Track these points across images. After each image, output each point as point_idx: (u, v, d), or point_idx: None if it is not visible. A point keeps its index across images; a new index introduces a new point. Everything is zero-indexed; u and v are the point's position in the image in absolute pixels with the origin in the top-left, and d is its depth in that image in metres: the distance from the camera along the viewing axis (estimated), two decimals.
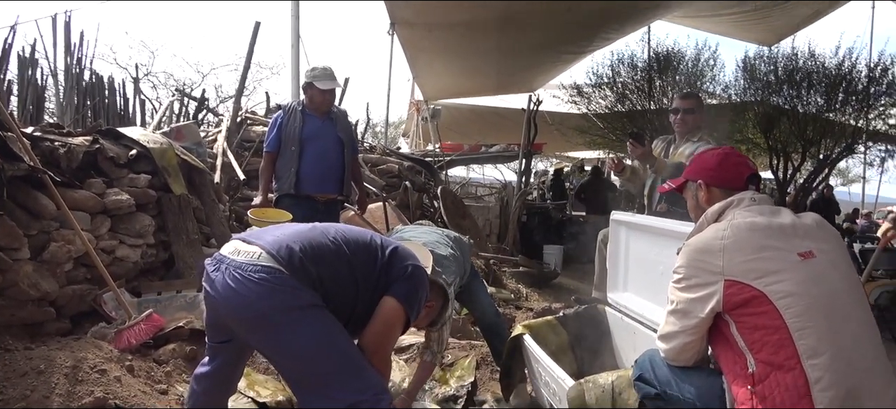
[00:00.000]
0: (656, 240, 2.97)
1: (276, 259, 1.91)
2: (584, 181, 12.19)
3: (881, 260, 5.04)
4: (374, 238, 2.23)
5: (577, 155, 19.25)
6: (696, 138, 3.96)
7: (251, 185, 6.24)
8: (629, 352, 3.14)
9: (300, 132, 4.23)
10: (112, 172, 3.77)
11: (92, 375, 2.52)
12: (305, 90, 4.33)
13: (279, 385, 3.06)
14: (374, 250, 2.16)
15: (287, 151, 4.25)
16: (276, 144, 4.30)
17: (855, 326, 1.72)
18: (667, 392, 1.96)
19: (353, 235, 2.17)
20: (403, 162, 8.64)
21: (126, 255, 3.61)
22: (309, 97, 4.30)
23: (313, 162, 4.24)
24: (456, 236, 3.43)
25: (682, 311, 1.86)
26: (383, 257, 2.15)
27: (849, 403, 1.61)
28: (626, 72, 10.44)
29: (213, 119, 8.39)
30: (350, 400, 1.89)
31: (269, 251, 1.93)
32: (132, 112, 6.43)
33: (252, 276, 1.88)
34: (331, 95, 4.33)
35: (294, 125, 4.25)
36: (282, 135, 4.28)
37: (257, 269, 1.89)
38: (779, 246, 1.76)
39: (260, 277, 1.87)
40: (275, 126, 4.33)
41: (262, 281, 1.87)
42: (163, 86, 14.61)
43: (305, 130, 4.25)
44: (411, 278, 2.17)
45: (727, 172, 2.02)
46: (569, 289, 6.95)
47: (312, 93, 4.26)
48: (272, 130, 4.34)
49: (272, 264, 1.90)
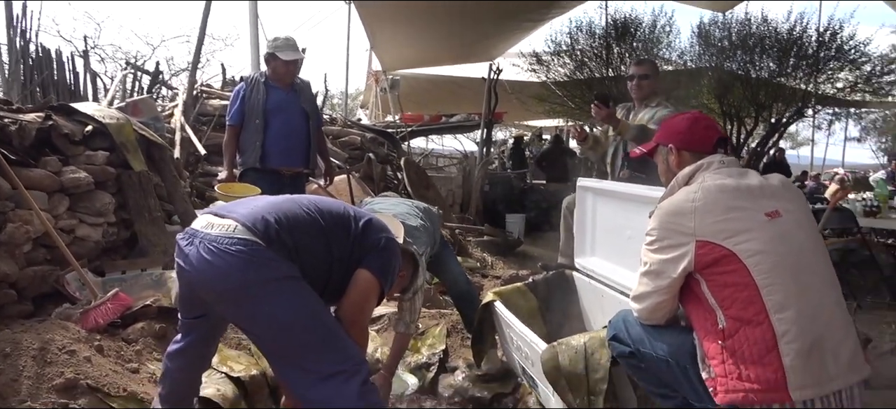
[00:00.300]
0: (623, 205, 3.03)
1: (253, 231, 1.89)
2: (544, 150, 12.30)
3: (831, 220, 5.24)
4: (347, 209, 2.23)
5: (537, 124, 19.38)
6: (654, 104, 4.06)
7: (212, 160, 6.13)
8: (597, 315, 3.23)
9: (264, 105, 4.15)
10: (67, 149, 3.64)
11: (61, 356, 2.47)
12: (268, 62, 4.22)
13: (252, 360, 3.06)
14: (347, 222, 2.15)
15: (251, 125, 4.16)
16: (240, 118, 4.20)
17: (818, 281, 1.80)
18: (640, 350, 2.03)
19: (327, 206, 2.16)
20: (365, 134, 8.58)
21: (87, 234, 3.52)
22: (272, 69, 4.21)
23: (279, 135, 4.17)
24: (426, 207, 3.44)
25: (656, 271, 1.92)
26: (357, 228, 2.15)
27: (813, 354, 1.69)
28: (584, 39, 10.53)
29: (168, 93, 8.16)
30: (329, 371, 1.89)
31: (244, 224, 1.91)
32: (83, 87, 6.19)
33: (229, 248, 1.86)
34: (294, 67, 4.24)
35: (257, 98, 4.16)
36: (245, 108, 4.18)
37: (234, 241, 1.87)
38: (747, 207, 1.82)
39: (237, 249, 1.86)
40: (237, 99, 4.22)
41: (239, 253, 1.85)
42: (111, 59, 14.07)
43: (269, 103, 4.16)
44: (385, 251, 2.19)
45: (696, 136, 2.08)
46: (533, 256, 7.07)
47: (275, 64, 4.17)
48: (235, 103, 4.23)
49: (249, 237, 1.88)
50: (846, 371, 1.74)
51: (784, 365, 1.67)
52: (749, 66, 9.35)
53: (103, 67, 12.49)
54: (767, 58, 9.30)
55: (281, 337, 1.92)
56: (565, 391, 2.35)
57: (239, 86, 4.34)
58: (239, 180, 4.22)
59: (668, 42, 10.27)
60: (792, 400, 1.67)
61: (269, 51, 4.18)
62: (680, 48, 10.30)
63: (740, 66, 9.41)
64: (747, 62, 9.35)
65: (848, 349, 1.76)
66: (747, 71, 9.35)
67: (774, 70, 9.29)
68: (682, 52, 10.34)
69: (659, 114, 3.88)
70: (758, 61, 9.33)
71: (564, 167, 11.27)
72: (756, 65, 9.36)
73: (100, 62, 12.48)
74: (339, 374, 1.89)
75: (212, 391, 2.57)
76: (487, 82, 9.91)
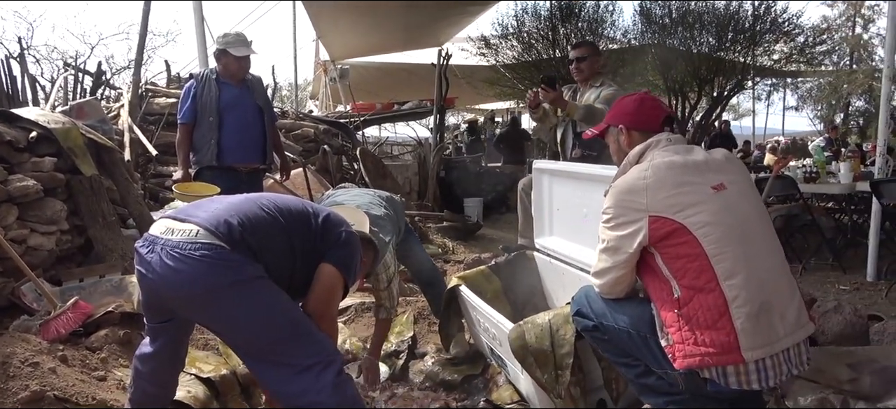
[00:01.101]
0: (579, 185, 3.13)
1: (216, 235, 1.89)
2: (502, 132, 12.41)
3: (774, 187, 5.47)
4: (307, 206, 2.24)
5: (489, 106, 19.53)
6: (598, 83, 4.18)
7: (163, 160, 6.01)
8: (559, 292, 3.33)
9: (217, 102, 4.09)
10: (11, 156, 3.54)
11: (24, 369, 2.42)
12: (218, 58, 4.16)
13: (221, 360, 3.06)
14: (307, 218, 2.17)
15: (204, 122, 4.10)
16: (192, 115, 4.12)
17: (763, 247, 1.92)
18: (603, 323, 2.13)
19: (286, 204, 2.18)
20: (319, 126, 8.51)
21: (39, 243, 3.43)
22: (223, 65, 4.15)
23: (234, 132, 4.13)
24: (388, 195, 3.47)
25: (613, 248, 2.01)
26: (317, 224, 2.17)
27: (762, 316, 1.81)
28: (530, 21, 10.67)
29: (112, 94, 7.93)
30: (303, 364, 1.92)
31: (206, 228, 1.90)
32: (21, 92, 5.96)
33: (192, 254, 1.85)
34: (246, 63, 4.19)
35: (210, 95, 4.09)
36: (197, 105, 4.11)
37: (197, 246, 1.86)
38: (695, 181, 1.93)
39: (201, 254, 1.85)
40: (188, 97, 4.14)
41: (203, 258, 1.85)
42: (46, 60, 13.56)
43: (223, 100, 4.11)
44: (346, 244, 2.21)
45: (644, 116, 2.18)
46: (492, 239, 7.17)
47: (227, 60, 4.11)
48: (186, 101, 4.15)
49: (212, 241, 1.88)
50: (793, 330, 1.87)
51: (736, 328, 1.79)
52: (690, 42, 9.65)
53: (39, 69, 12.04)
54: (707, 33, 9.61)
55: (253, 337, 1.94)
56: (533, 368, 2.43)
57: (189, 83, 4.25)
58: (195, 179, 4.16)
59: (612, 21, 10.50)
60: (744, 360, 1.79)
61: (220, 47, 4.12)
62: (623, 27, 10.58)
63: (682, 43, 9.70)
64: (688, 38, 9.64)
65: (794, 310, 1.89)
66: (689, 47, 9.64)
67: (714, 45, 9.61)
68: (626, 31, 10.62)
69: (604, 93, 4.01)
70: (698, 37, 9.63)
71: (521, 149, 11.42)
72: (697, 40, 9.67)
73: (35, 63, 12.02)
74: (314, 366, 1.93)
75: (182, 393, 2.55)
76: (437, 68, 9.93)
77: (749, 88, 11.28)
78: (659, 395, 2.05)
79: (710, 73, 9.82)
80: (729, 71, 9.90)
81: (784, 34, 9.86)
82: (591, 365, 2.53)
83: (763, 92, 13.33)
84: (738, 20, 9.56)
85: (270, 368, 1.96)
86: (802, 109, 20.51)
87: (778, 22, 9.62)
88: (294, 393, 1.92)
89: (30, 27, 16.68)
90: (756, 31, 9.53)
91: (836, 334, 2.83)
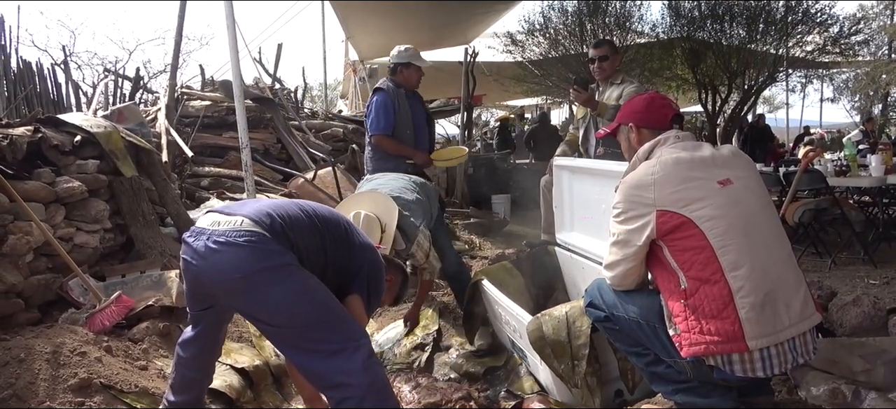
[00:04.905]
0: (596, 180, 3.21)
1: (259, 224, 2.05)
2: (531, 129, 12.41)
3: (802, 181, 5.43)
4: (341, 220, 2.39)
5: (516, 103, 19.53)
6: (619, 81, 4.25)
7: (198, 161, 6.21)
8: (580, 285, 3.40)
9: (411, 115, 4.41)
10: (58, 160, 3.74)
11: (72, 358, 2.60)
12: (399, 71, 4.44)
13: (254, 352, 3.21)
14: (342, 230, 2.33)
15: (404, 135, 4.39)
16: (392, 128, 4.35)
17: (769, 240, 1.98)
18: (614, 314, 2.21)
19: (323, 211, 2.34)
20: (347, 125, 8.67)
21: (85, 241, 3.63)
22: (405, 77, 4.43)
23: (421, 140, 4.49)
24: (422, 181, 3.64)
25: (623, 241, 2.09)
26: (350, 239, 2.33)
27: (767, 306, 1.87)
28: (557, 17, 10.68)
29: (149, 97, 8.20)
30: (333, 348, 2.05)
31: (251, 219, 2.06)
32: (65, 98, 6.24)
33: (236, 240, 2.01)
34: (422, 72, 4.52)
35: (404, 109, 4.39)
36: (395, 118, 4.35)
37: (241, 233, 2.02)
38: (701, 176, 1.99)
39: (245, 239, 2.01)
40: (389, 110, 4.32)
41: (246, 243, 2.00)
42: (88, 66, 14.01)
43: (412, 110, 4.43)
44: (373, 275, 2.36)
45: (653, 115, 2.25)
46: (519, 235, 7.22)
47: (409, 72, 4.43)
48: (388, 114, 4.31)
49: (255, 229, 2.03)
50: (799, 320, 1.92)
51: (740, 318, 1.85)
52: (720, 34, 9.55)
53: (81, 75, 12.47)
54: (737, 25, 9.50)
55: (286, 321, 2.08)
56: (551, 359, 2.52)
57: (381, 96, 4.39)
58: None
59: (640, 15, 10.46)
60: (749, 349, 1.86)
61: (403, 60, 4.42)
62: (652, 21, 10.52)
63: (711, 36, 9.61)
64: (718, 31, 9.55)
65: (799, 300, 1.94)
66: (718, 39, 9.55)
67: (744, 37, 9.49)
68: (654, 25, 10.54)
69: (627, 90, 4.07)
70: (728, 29, 9.53)
71: (552, 146, 11.39)
72: (727, 33, 9.57)
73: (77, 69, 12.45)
74: (344, 350, 2.05)
75: (219, 382, 2.71)
76: (464, 66, 10.00)
77: (781, 81, 11.07)
78: (668, 383, 2.12)
79: (741, 65, 9.71)
80: (760, 63, 9.77)
81: (818, 24, 9.69)
82: (608, 356, 2.60)
83: (798, 84, 13.04)
84: (769, 11, 9.44)
85: (303, 352, 2.10)
86: (838, 100, 19.97)
87: (810, 12, 9.46)
88: (326, 375, 2.06)
89: (72, 34, 17.26)
90: (788, 23, 9.40)
91: (853, 326, 2.85)
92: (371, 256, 2.40)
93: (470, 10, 10.59)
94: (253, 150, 5.31)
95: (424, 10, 10.04)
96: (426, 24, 10.84)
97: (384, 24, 11.14)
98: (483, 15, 11.07)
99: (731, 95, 10.35)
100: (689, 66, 10.05)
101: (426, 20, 10.66)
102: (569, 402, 2.64)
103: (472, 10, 10.62)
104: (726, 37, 9.59)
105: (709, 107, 10.33)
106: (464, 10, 10.45)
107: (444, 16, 10.55)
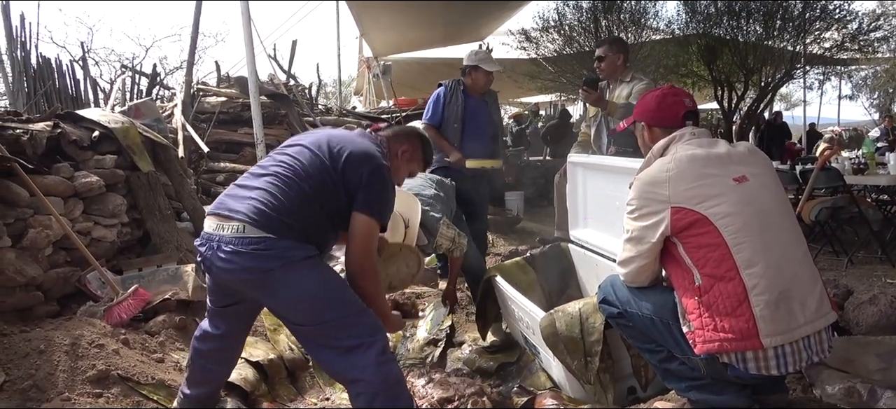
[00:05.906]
0: (610, 177, 3.20)
1: (260, 227, 2.02)
2: (550, 124, 12.35)
3: (819, 179, 5.37)
4: (321, 149, 2.21)
5: (530, 100, 19.45)
6: (628, 79, 4.23)
7: (214, 157, 6.26)
8: (593, 282, 3.40)
9: (463, 111, 4.47)
10: (77, 155, 3.79)
11: (91, 350, 2.64)
12: (469, 72, 4.53)
13: (269, 346, 3.24)
14: (325, 168, 2.17)
15: (449, 128, 4.49)
16: (439, 120, 4.52)
17: (784, 237, 1.96)
18: (628, 310, 2.20)
19: (302, 161, 2.18)
20: (362, 122, 8.71)
21: (102, 235, 3.68)
22: (472, 79, 4.52)
23: (471, 139, 4.51)
24: (439, 179, 3.67)
25: (637, 238, 2.08)
26: (336, 170, 2.17)
27: (781, 304, 1.86)
28: (571, 13, 10.60)
29: (166, 93, 8.28)
30: (348, 345, 2.07)
31: (250, 223, 2.02)
32: (84, 94, 6.32)
33: (244, 249, 2.00)
34: (492, 76, 4.59)
35: (456, 104, 4.48)
36: (444, 112, 4.51)
37: (246, 241, 2.00)
38: (716, 173, 1.98)
39: (252, 248, 2.00)
40: (438, 103, 4.55)
41: (254, 252, 2.00)
42: (105, 62, 14.19)
43: (467, 109, 4.49)
44: (370, 185, 2.18)
45: (664, 112, 2.23)
46: (532, 232, 7.22)
47: (477, 75, 4.50)
48: (437, 107, 4.55)
49: (259, 234, 2.01)
50: (814, 318, 1.91)
51: (755, 315, 1.84)
52: (736, 31, 9.46)
53: (98, 71, 12.62)
54: (754, 22, 9.41)
55: (303, 317, 2.10)
56: (564, 355, 2.52)
57: (439, 90, 4.63)
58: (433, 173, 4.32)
59: (656, 11, 10.36)
60: (763, 346, 1.85)
61: (473, 63, 4.50)
62: (667, 17, 10.45)
63: (727, 32, 9.51)
64: (734, 27, 9.45)
65: (814, 298, 1.93)
66: (735, 36, 9.46)
67: (761, 34, 9.40)
68: (670, 21, 10.45)
69: (637, 87, 4.06)
70: (744, 26, 9.43)
71: (570, 143, 11.32)
72: (743, 29, 9.47)
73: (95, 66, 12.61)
74: (359, 347, 2.07)
75: (234, 375, 2.73)
76: None
77: (799, 78, 10.95)
78: (681, 380, 2.12)
79: (758, 62, 9.61)
80: (777, 60, 9.66)
81: (836, 21, 9.56)
82: (621, 353, 2.60)
83: (815, 81, 12.89)
84: (786, 7, 9.33)
85: (320, 349, 2.15)
86: (857, 97, 19.74)
87: (828, 8, 9.34)
88: (341, 372, 2.11)
89: (90, 31, 17.49)
90: (805, 19, 9.29)
91: (870, 325, 2.82)
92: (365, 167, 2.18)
93: (484, 7, 10.56)
94: (268, 146, 5.35)
95: (438, 6, 10.03)
96: (440, 20, 10.84)
97: (398, 21, 11.15)
98: (497, 11, 11.03)
99: (747, 93, 10.24)
100: (704, 63, 9.96)
101: (440, 17, 10.66)
102: (581, 398, 2.64)
103: (486, 7, 10.60)
104: (743, 33, 9.49)
105: (725, 104, 10.23)
106: (477, 6, 10.43)
107: (457, 13, 10.53)
